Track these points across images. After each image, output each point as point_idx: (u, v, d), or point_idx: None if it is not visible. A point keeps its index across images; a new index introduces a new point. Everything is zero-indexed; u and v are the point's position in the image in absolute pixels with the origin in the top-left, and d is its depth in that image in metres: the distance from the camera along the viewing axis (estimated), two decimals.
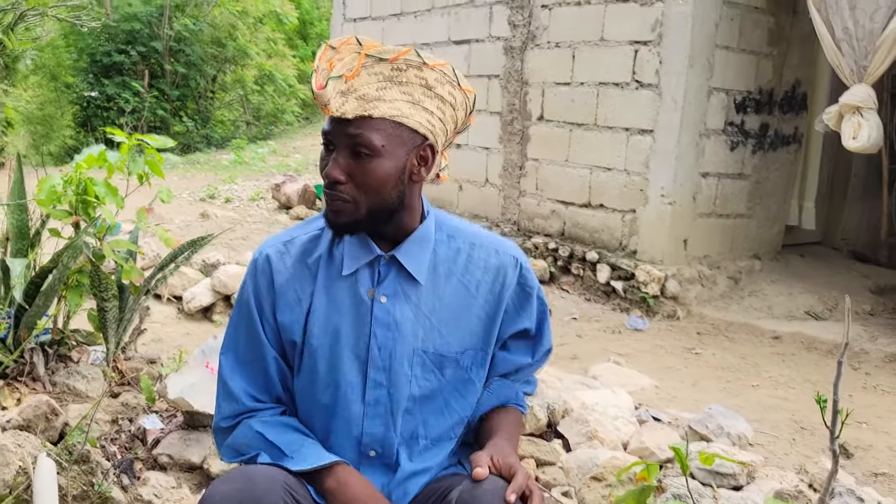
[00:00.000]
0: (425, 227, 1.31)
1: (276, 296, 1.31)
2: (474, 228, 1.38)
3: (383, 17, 6.70)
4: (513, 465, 1.17)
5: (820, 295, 4.67)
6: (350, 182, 1.20)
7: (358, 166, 1.19)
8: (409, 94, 1.19)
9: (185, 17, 13.87)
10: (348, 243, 1.29)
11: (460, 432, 1.38)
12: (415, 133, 1.22)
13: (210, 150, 13.32)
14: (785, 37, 4.75)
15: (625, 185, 4.71)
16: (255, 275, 1.34)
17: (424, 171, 1.26)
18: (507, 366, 1.39)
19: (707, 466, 1.94)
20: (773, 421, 2.94)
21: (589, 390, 2.78)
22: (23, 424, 2.12)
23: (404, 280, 1.29)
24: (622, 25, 4.66)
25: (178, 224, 6.46)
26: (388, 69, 1.18)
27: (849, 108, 3.68)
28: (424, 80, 1.19)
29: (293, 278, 1.32)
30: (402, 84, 1.18)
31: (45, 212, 2.48)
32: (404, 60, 1.18)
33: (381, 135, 1.18)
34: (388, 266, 1.30)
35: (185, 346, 3.32)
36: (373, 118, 1.17)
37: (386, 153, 1.19)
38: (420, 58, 1.19)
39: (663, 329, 4.30)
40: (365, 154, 1.18)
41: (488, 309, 1.33)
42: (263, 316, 1.32)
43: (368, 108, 1.17)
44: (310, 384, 1.32)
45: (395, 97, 1.18)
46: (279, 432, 1.29)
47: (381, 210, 1.23)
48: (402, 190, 1.24)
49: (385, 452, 1.32)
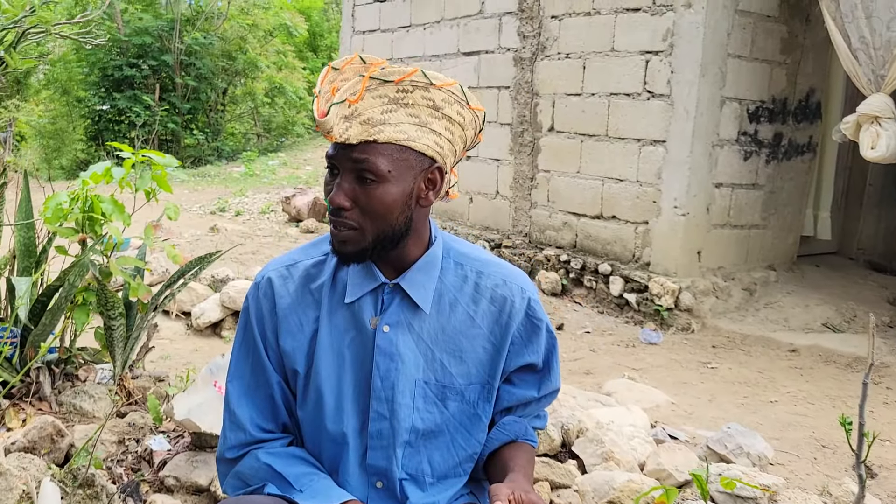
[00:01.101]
0: (432, 254, 1.26)
1: (279, 320, 1.27)
2: (484, 255, 1.33)
3: (392, 30, 6.69)
4: (535, 502, 1.12)
5: (837, 306, 4.59)
6: (355, 208, 1.16)
7: (363, 192, 1.15)
8: (415, 116, 1.14)
9: (195, 31, 13.94)
10: (352, 270, 1.25)
11: (469, 469, 1.33)
12: (422, 156, 1.17)
13: (221, 163, 13.35)
14: (798, 45, 4.70)
15: (637, 196, 4.65)
16: (257, 298, 1.30)
17: (432, 194, 1.21)
18: (512, 399, 1.33)
19: (729, 490, 1.88)
20: (793, 439, 2.87)
21: (604, 408, 2.73)
22: (28, 446, 2.09)
23: (408, 308, 1.25)
24: (633, 35, 4.62)
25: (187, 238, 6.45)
26: (394, 91, 1.13)
27: (867, 117, 3.62)
28: (432, 100, 1.15)
29: (295, 304, 1.28)
30: (407, 106, 1.14)
31: (51, 230, 2.45)
32: (410, 82, 1.13)
33: (387, 160, 1.14)
34: (392, 294, 1.25)
35: (193, 362, 3.29)
36: (378, 143, 1.12)
37: (392, 178, 1.14)
38: (427, 78, 1.14)
39: (678, 342, 4.23)
40: (370, 180, 1.14)
41: (494, 340, 1.28)
42: (267, 341, 1.29)
43: (373, 132, 1.12)
44: (317, 414, 1.28)
45: (401, 120, 1.13)
46: (288, 464, 1.25)
47: (387, 237, 1.18)
48: (410, 215, 1.19)
49: (390, 485, 1.27)
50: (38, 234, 2.64)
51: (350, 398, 1.26)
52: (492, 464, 1.32)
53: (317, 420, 1.28)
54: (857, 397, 3.38)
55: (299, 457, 1.27)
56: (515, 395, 1.33)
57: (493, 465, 1.31)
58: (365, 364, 1.25)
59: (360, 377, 1.26)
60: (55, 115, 13.79)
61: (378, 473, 1.27)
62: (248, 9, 15.20)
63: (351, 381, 1.26)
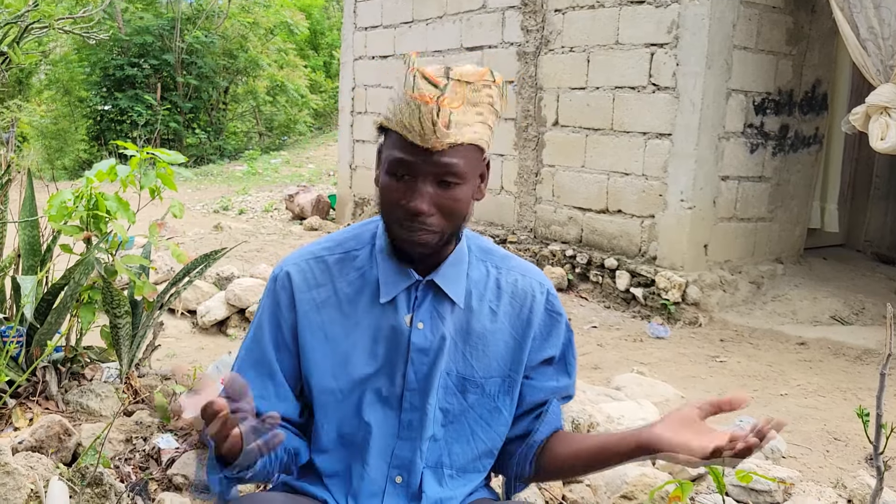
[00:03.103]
0: (461, 249, 1.26)
1: (298, 316, 1.25)
2: (502, 251, 1.33)
3: (395, 25, 6.66)
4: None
5: (845, 299, 4.57)
6: (436, 213, 1.14)
7: (445, 196, 1.13)
8: (481, 114, 1.13)
9: (196, 30, 13.93)
10: (383, 268, 1.23)
11: (489, 466, 1.32)
12: (482, 152, 1.17)
13: (223, 162, 13.35)
14: (804, 36, 4.67)
15: (643, 190, 4.63)
16: (274, 292, 1.27)
17: (484, 187, 1.21)
18: (538, 395, 1.31)
19: (744, 484, 1.86)
20: (805, 432, 2.85)
21: (613, 402, 2.71)
22: (35, 445, 2.08)
23: (439, 304, 1.25)
24: (637, 28, 4.59)
25: (191, 236, 6.44)
26: (470, 91, 1.11)
27: (876, 108, 3.59)
28: (491, 97, 1.14)
29: (318, 299, 1.25)
30: (476, 105, 1.12)
31: (56, 228, 2.44)
32: (483, 81, 1.12)
33: (466, 161, 1.12)
34: (426, 290, 1.24)
35: (199, 360, 3.28)
36: (461, 145, 1.11)
37: (468, 179, 1.14)
38: (492, 76, 1.13)
39: (685, 336, 4.21)
40: (454, 183, 1.13)
41: (515, 335, 1.28)
42: (281, 335, 1.26)
43: (458, 135, 1.10)
44: (344, 408, 1.25)
45: (474, 119, 1.12)
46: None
47: (453, 234, 1.19)
48: (471, 211, 1.20)
49: (410, 480, 1.26)
50: (43, 232, 2.63)
51: (378, 393, 1.24)
52: (560, 444, 1.29)
53: (346, 415, 1.26)
54: (867, 389, 3.36)
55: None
56: (540, 388, 1.31)
57: (563, 444, 1.29)
58: (397, 360, 1.24)
59: (390, 372, 1.24)
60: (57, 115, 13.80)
61: (401, 466, 1.26)
62: (249, 7, 15.19)
63: (381, 377, 1.24)
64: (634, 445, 1.15)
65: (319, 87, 18.06)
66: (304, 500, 1.22)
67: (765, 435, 1.03)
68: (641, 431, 1.15)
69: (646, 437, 1.13)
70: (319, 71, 18.71)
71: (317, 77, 18.16)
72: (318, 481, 1.28)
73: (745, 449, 1.02)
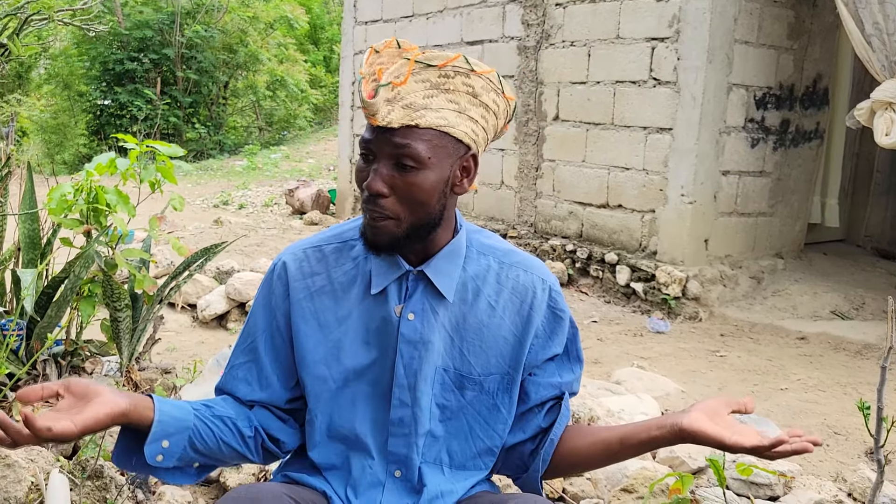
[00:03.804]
0: (457, 242, 1.24)
1: (292, 304, 1.26)
2: (505, 246, 1.31)
3: (395, 20, 6.65)
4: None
5: (845, 294, 4.57)
6: (393, 196, 1.13)
7: (402, 179, 1.12)
8: (455, 103, 1.12)
9: (196, 24, 13.90)
10: (376, 259, 1.23)
11: (490, 465, 1.30)
12: (459, 143, 1.15)
13: (223, 157, 13.33)
14: (806, 30, 4.65)
15: (643, 184, 4.62)
16: (270, 282, 1.29)
17: (467, 182, 1.19)
18: (543, 391, 1.30)
19: (745, 477, 1.86)
20: (805, 426, 2.85)
21: (614, 396, 2.71)
22: None
23: (431, 296, 1.23)
24: (638, 22, 4.58)
25: (191, 231, 6.44)
26: (436, 76, 1.11)
27: (881, 104, 3.57)
28: (471, 87, 1.13)
29: (312, 288, 1.26)
30: (448, 92, 1.12)
31: (56, 221, 2.43)
32: (452, 67, 1.12)
33: (428, 145, 1.11)
34: (416, 282, 1.23)
35: (199, 354, 3.27)
36: (419, 128, 1.11)
37: (431, 165, 1.12)
38: (468, 64, 1.13)
39: (686, 331, 4.21)
40: (410, 166, 1.12)
41: (515, 331, 1.26)
42: (276, 324, 1.27)
43: (415, 117, 1.10)
44: (338, 401, 1.26)
45: (442, 105, 1.11)
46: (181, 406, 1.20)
47: (422, 226, 1.17)
48: (445, 203, 1.18)
49: (409, 474, 1.26)
50: (43, 226, 2.63)
51: (372, 386, 1.25)
52: (576, 438, 1.29)
53: (340, 406, 1.26)
54: (867, 384, 3.36)
55: (207, 406, 1.25)
56: (549, 384, 1.30)
57: (578, 437, 1.28)
58: (388, 352, 1.24)
59: (383, 365, 1.24)
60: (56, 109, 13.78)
61: (398, 461, 1.25)
62: (249, 1, 15.16)
63: (374, 369, 1.24)
64: (677, 430, 1.15)
65: (319, 81, 18.04)
66: (304, 491, 1.22)
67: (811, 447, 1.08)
68: (681, 418, 1.15)
69: (687, 423, 1.14)
70: (319, 66, 18.69)
71: (317, 72, 18.13)
72: (318, 473, 1.28)
73: (791, 452, 1.06)
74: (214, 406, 1.25)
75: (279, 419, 1.30)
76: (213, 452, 1.22)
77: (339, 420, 1.26)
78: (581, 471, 1.49)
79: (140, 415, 1.12)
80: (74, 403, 1.06)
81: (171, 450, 1.16)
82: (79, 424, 1.01)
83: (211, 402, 1.26)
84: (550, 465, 1.29)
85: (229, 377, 1.31)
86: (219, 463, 1.28)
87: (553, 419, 1.29)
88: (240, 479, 2.06)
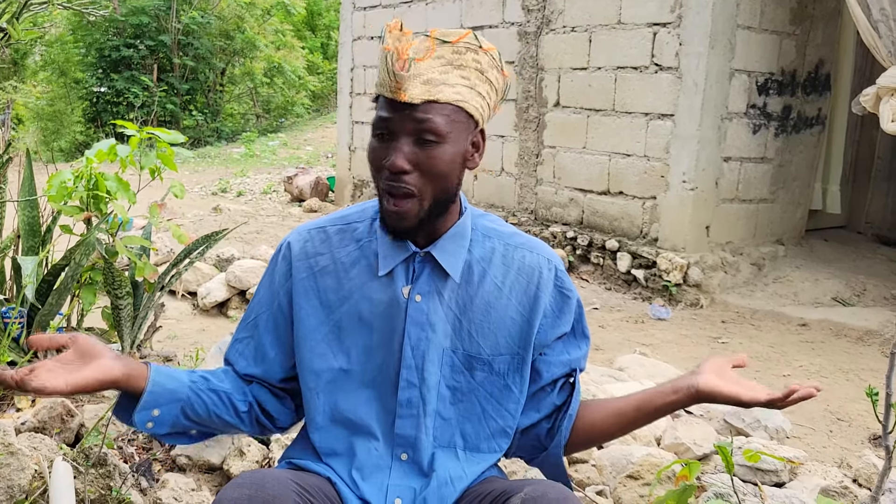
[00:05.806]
0: (462, 224, 1.26)
1: (293, 282, 1.27)
2: (510, 229, 1.33)
3: (394, 5, 6.60)
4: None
5: (846, 280, 4.56)
6: (415, 172, 1.15)
7: (424, 154, 1.14)
8: (466, 79, 1.15)
9: (192, 10, 13.80)
10: (383, 241, 1.24)
11: (504, 447, 1.31)
12: (470, 118, 1.18)
13: (220, 144, 13.28)
14: (808, 15, 4.62)
15: (645, 171, 4.60)
16: (275, 262, 1.32)
17: (478, 156, 1.22)
18: (554, 369, 1.30)
19: (751, 463, 1.85)
20: (808, 412, 2.85)
21: (617, 383, 2.71)
22: (38, 426, 2.07)
23: (438, 278, 1.24)
24: (640, 7, 4.54)
25: (190, 218, 6.42)
26: (450, 52, 1.14)
27: (886, 90, 3.54)
28: (479, 63, 1.16)
29: (316, 268, 1.27)
30: (460, 68, 1.14)
31: (55, 208, 2.42)
32: (464, 43, 1.15)
33: (446, 119, 1.13)
34: (423, 263, 1.24)
35: (200, 342, 3.27)
36: (438, 102, 1.13)
37: (450, 139, 1.14)
38: (477, 41, 1.16)
39: (687, 318, 4.20)
40: (431, 141, 1.13)
41: (523, 311, 1.27)
42: (278, 302, 1.29)
43: (434, 92, 1.12)
44: (342, 383, 1.26)
45: (456, 81, 1.14)
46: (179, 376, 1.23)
47: (442, 201, 1.18)
48: (460, 178, 1.20)
49: (417, 457, 1.25)
50: (43, 213, 2.60)
51: (379, 367, 1.25)
52: (590, 411, 1.31)
53: (342, 389, 1.26)
54: (869, 370, 3.36)
55: (204, 377, 1.28)
56: (561, 361, 1.30)
57: (592, 411, 1.31)
58: (395, 333, 1.24)
59: (389, 347, 1.24)
60: (53, 96, 13.68)
61: (405, 444, 1.25)
62: None
63: (381, 351, 1.25)
64: (693, 392, 1.20)
65: (317, 68, 17.94)
66: (309, 477, 1.22)
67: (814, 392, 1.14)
68: (696, 380, 1.20)
69: (704, 384, 1.18)
70: (317, 52, 18.59)
71: (314, 58, 18.03)
72: (321, 459, 1.28)
73: (799, 398, 1.13)
74: (212, 379, 1.28)
75: (275, 396, 1.33)
76: (206, 422, 1.27)
77: (342, 403, 1.26)
78: (598, 443, 1.52)
79: (133, 385, 1.17)
80: (76, 358, 1.12)
81: (162, 418, 1.21)
82: (70, 384, 1.08)
83: (210, 374, 1.30)
84: (568, 441, 1.30)
85: (232, 350, 1.34)
86: (215, 432, 1.32)
87: (566, 395, 1.31)
88: (244, 466, 2.05)
